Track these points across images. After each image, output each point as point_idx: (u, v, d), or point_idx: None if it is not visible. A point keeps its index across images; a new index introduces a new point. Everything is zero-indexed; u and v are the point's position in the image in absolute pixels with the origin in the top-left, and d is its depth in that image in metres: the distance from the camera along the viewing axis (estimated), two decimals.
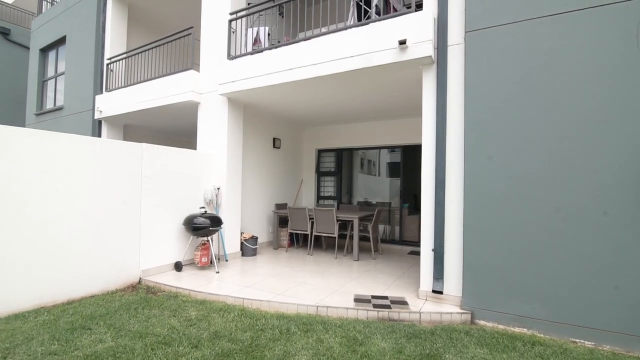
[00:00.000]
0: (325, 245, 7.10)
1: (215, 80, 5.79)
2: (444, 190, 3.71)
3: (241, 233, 6.15)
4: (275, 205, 7.38)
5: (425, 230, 3.85)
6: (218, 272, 4.92)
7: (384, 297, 3.86)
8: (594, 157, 3.03)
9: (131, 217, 4.50)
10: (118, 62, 7.45)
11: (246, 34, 5.57)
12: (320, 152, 8.61)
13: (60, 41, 9.07)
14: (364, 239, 6.38)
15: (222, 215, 5.56)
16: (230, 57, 5.50)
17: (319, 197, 8.54)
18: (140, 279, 4.59)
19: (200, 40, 6.24)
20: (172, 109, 6.52)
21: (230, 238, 5.82)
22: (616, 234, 2.93)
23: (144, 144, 4.70)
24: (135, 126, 8.35)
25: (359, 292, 4.05)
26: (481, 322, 3.43)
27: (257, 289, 4.17)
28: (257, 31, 5.56)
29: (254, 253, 6.13)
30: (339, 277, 4.74)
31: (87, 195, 4.03)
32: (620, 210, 2.92)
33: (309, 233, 6.40)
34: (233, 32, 5.60)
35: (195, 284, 4.37)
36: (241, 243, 6.07)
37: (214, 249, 5.33)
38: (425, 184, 3.87)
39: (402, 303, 3.69)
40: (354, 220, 5.94)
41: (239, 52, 5.57)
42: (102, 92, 7.69)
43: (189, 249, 5.26)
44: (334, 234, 6.05)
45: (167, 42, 6.35)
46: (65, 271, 3.81)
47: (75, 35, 8.45)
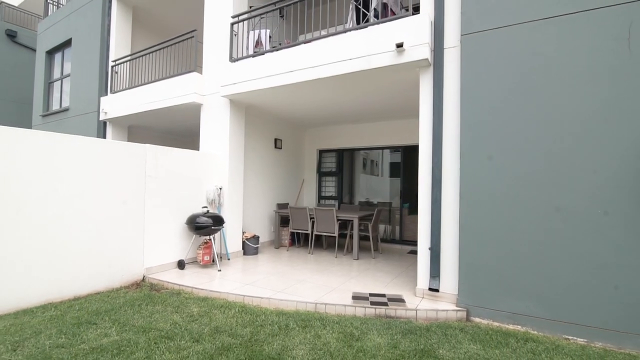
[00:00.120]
0: (326, 244, 7.19)
1: (217, 82, 5.90)
2: (440, 190, 3.78)
3: (243, 232, 6.25)
4: (276, 205, 7.47)
5: (422, 229, 3.92)
6: (220, 270, 5.03)
7: (382, 295, 3.94)
8: (583, 159, 3.10)
9: (135, 217, 4.61)
10: (123, 64, 7.59)
11: (248, 37, 5.67)
12: (321, 153, 8.69)
13: (66, 43, 9.23)
14: (364, 238, 6.47)
15: (224, 214, 5.66)
16: (232, 60, 5.60)
17: (320, 197, 8.63)
18: (144, 276, 4.70)
19: (203, 43, 6.36)
20: (176, 111, 6.64)
21: (232, 237, 5.92)
22: (610, 233, 2.98)
23: (147, 145, 4.82)
24: (139, 127, 8.49)
25: (358, 290, 4.13)
26: (476, 320, 3.50)
27: (258, 286, 4.26)
28: (259, 34, 5.66)
29: (255, 252, 6.23)
30: (339, 276, 4.83)
31: (93, 195, 4.15)
32: (615, 210, 2.97)
33: (309, 232, 6.49)
34: (235, 35, 5.70)
35: (197, 281, 4.47)
36: (243, 242, 6.17)
37: (216, 248, 5.43)
38: (422, 183, 3.94)
39: (399, 300, 3.76)
40: (353, 220, 6.03)
41: (240, 55, 5.67)
42: (107, 94, 7.83)
43: (191, 247, 5.37)
44: (334, 234, 6.13)
45: (171, 45, 6.47)
46: (71, 269, 3.92)
47: (80, 38, 8.60)
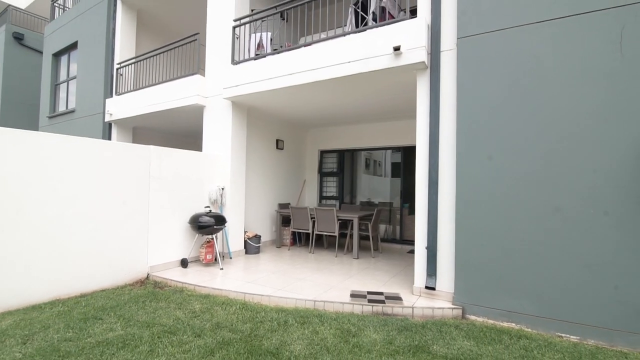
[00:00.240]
0: (327, 243, 7.28)
1: (219, 84, 6.01)
2: (436, 190, 3.86)
3: (245, 232, 6.36)
4: (278, 204, 7.58)
5: (419, 229, 4.00)
6: (222, 269, 5.14)
7: (379, 293, 4.02)
8: (578, 160, 3.16)
9: (139, 216, 4.73)
10: (127, 67, 7.74)
11: (249, 40, 5.78)
12: (322, 153, 8.78)
13: (72, 46, 9.40)
14: (364, 238, 6.55)
15: (226, 214, 5.77)
16: (234, 62, 5.71)
17: (321, 197, 8.72)
18: (148, 274, 4.82)
19: (205, 46, 6.47)
20: (179, 112, 6.76)
21: (234, 236, 6.03)
22: (604, 233, 3.04)
23: (151, 146, 4.94)
24: (143, 128, 8.63)
25: (356, 288, 4.21)
26: (472, 317, 3.57)
27: (259, 284, 4.36)
28: (260, 36, 5.76)
29: (257, 251, 6.33)
30: (338, 274, 4.91)
31: (98, 196, 4.28)
32: (610, 210, 3.03)
33: (310, 232, 6.59)
34: (237, 38, 5.81)
35: (200, 279, 4.58)
36: (245, 241, 6.28)
37: (218, 247, 5.54)
38: (419, 184, 4.02)
39: (397, 298, 3.84)
40: (353, 220, 6.11)
41: (242, 57, 5.77)
42: (112, 96, 7.98)
43: (194, 246, 5.48)
44: (335, 233, 6.22)
45: (174, 48, 6.60)
46: (77, 266, 4.05)
47: (86, 41, 8.76)
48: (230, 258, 5.86)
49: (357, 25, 4.78)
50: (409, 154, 7.49)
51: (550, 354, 2.79)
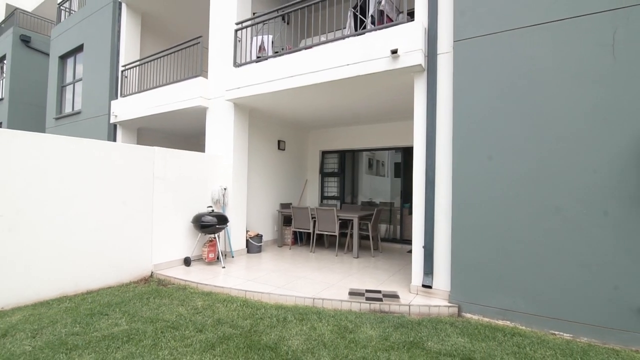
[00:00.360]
0: (328, 243, 7.37)
1: (222, 86, 6.12)
2: (433, 190, 3.93)
3: (247, 231, 6.46)
4: (280, 204, 7.67)
5: (416, 228, 4.08)
6: (224, 267, 5.24)
7: (377, 291, 4.10)
8: (572, 162, 3.22)
9: (144, 216, 4.85)
10: (132, 69, 7.88)
11: (251, 43, 5.88)
12: (324, 154, 8.87)
13: (78, 49, 9.57)
14: (365, 237, 6.62)
15: (229, 214, 5.88)
16: (236, 65, 5.82)
17: (322, 197, 8.81)
18: (152, 272, 4.94)
19: (208, 49, 6.59)
20: (182, 114, 6.88)
21: (236, 236, 6.13)
22: (598, 232, 3.09)
23: (155, 148, 5.05)
24: (148, 129, 8.77)
25: (355, 287, 4.30)
26: (467, 315, 3.64)
27: (260, 282, 4.46)
28: (262, 39, 5.86)
29: (259, 250, 6.44)
30: (338, 273, 5.00)
31: (104, 196, 4.40)
32: (603, 210, 3.09)
33: (311, 232, 6.68)
34: (239, 41, 5.92)
35: (202, 277, 4.69)
36: (247, 240, 6.38)
37: (220, 246, 5.65)
38: (416, 184, 4.10)
39: (394, 296, 3.92)
40: (353, 220, 6.19)
41: (244, 60, 5.88)
42: (117, 98, 8.13)
43: (197, 245, 5.59)
44: (335, 233, 6.30)
45: (178, 50, 6.72)
46: (84, 265, 4.17)
47: (92, 43, 8.93)
48: (232, 257, 5.97)
49: (356, 29, 4.86)
50: (409, 154, 7.54)
51: (542, 351, 2.85)
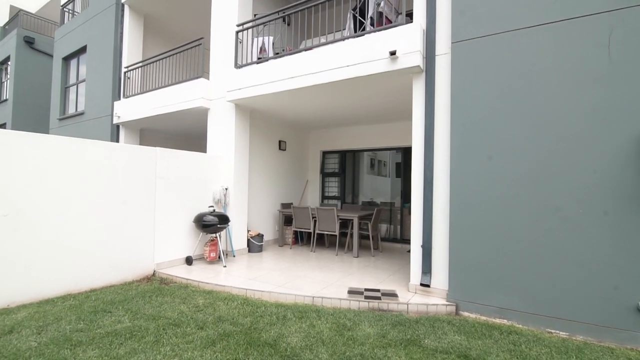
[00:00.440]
0: (328, 243, 7.42)
1: (223, 87, 6.18)
2: (431, 190, 3.98)
3: (248, 231, 6.53)
4: (280, 204, 7.73)
5: (414, 228, 4.12)
6: (225, 266, 5.30)
7: (376, 290, 4.14)
8: (568, 163, 3.26)
9: (146, 215, 4.92)
10: (135, 70, 7.96)
11: (252, 44, 5.94)
12: (324, 154, 8.92)
13: (82, 50, 9.67)
14: (365, 237, 6.67)
15: (230, 214, 5.94)
16: (237, 66, 5.88)
17: (323, 197, 8.86)
18: (154, 271, 5.01)
19: (210, 50, 6.65)
20: (184, 114, 6.95)
21: (237, 235, 6.20)
22: (594, 232, 3.13)
23: (158, 148, 5.12)
24: (150, 130, 8.86)
25: (354, 286, 4.35)
26: (465, 314, 3.68)
27: (260, 281, 4.52)
28: (263, 41, 5.92)
29: (259, 249, 6.50)
30: (338, 272, 5.05)
31: (107, 196, 4.47)
32: (597, 210, 3.12)
33: (312, 231, 6.73)
34: (240, 43, 5.98)
35: (204, 276, 4.75)
36: (248, 240, 6.44)
37: (222, 245, 5.72)
38: (415, 184, 4.14)
39: (392, 295, 3.97)
40: (353, 219, 6.24)
41: (245, 61, 5.94)
42: (120, 99, 8.21)
43: (198, 244, 5.66)
44: (335, 232, 6.35)
45: (180, 52, 6.80)
46: (87, 263, 4.24)
47: (95, 45, 9.02)
48: (234, 256, 6.03)
49: (356, 30, 4.91)
50: (409, 154, 7.57)
51: (538, 349, 2.89)
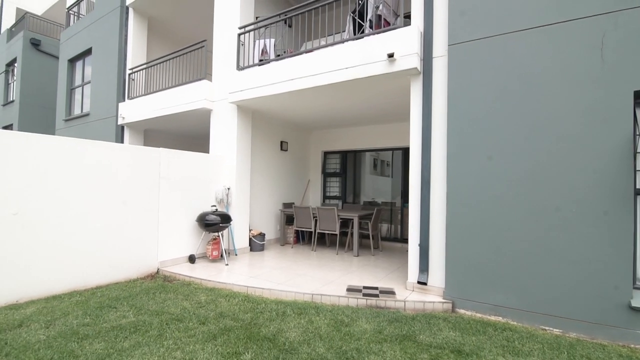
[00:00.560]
0: (329, 242, 7.51)
1: (225, 89, 6.29)
2: (429, 190, 4.05)
3: (250, 230, 6.63)
4: (282, 204, 7.83)
5: (412, 227, 4.20)
6: (227, 265, 5.41)
7: (374, 288, 4.22)
8: (563, 162, 3.32)
9: (150, 214, 5.04)
10: (139, 72, 8.09)
11: (254, 46, 6.04)
12: (326, 154, 9.01)
13: (87, 52, 9.83)
14: (366, 236, 6.75)
15: (232, 213, 6.04)
16: (239, 68, 5.98)
17: (325, 197, 8.94)
18: (158, 269, 5.12)
19: (212, 52, 6.76)
20: (187, 116, 7.07)
21: (239, 234, 6.30)
22: (588, 231, 3.19)
23: (161, 149, 5.24)
24: (154, 131, 8.99)
25: (353, 284, 4.43)
26: (461, 311, 3.75)
27: (262, 279, 4.61)
28: (264, 43, 6.01)
29: (261, 248, 6.60)
30: (337, 271, 5.13)
31: (111, 196, 4.59)
32: (589, 210, 3.18)
33: (312, 230, 6.82)
34: (242, 45, 6.08)
35: (206, 274, 4.86)
36: (250, 239, 6.54)
37: (224, 244, 5.82)
38: (412, 184, 4.22)
39: (390, 293, 4.05)
40: (354, 219, 6.32)
41: (247, 64, 6.04)
42: (125, 100, 8.35)
43: (201, 243, 5.77)
44: (336, 232, 6.44)
45: (183, 54, 6.91)
46: (93, 261, 4.36)
47: (100, 47, 9.17)
48: (236, 255, 6.13)
49: (355, 33, 4.99)
50: (409, 155, 7.65)
51: (530, 344, 2.96)
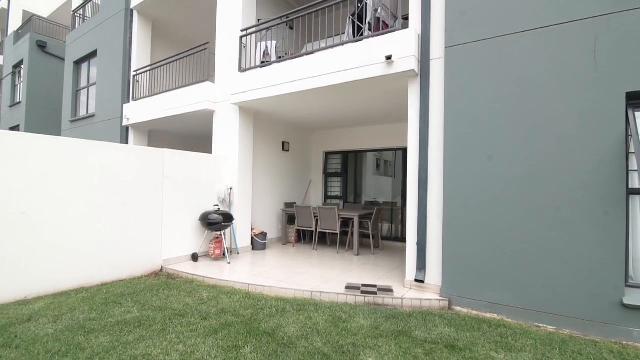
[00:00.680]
0: (330, 241, 7.60)
1: (228, 90, 6.40)
2: (426, 190, 4.12)
3: (252, 229, 6.73)
4: (284, 204, 7.93)
5: (410, 226, 4.27)
6: (229, 263, 5.51)
7: (373, 286, 4.31)
8: (559, 165, 3.38)
9: (154, 214, 5.15)
10: (143, 74, 8.23)
11: (256, 48, 6.14)
12: (327, 154, 9.09)
13: (92, 54, 9.99)
14: (366, 236, 6.83)
15: (234, 212, 6.15)
16: (241, 70, 6.09)
17: (326, 197, 9.03)
18: (161, 267, 5.24)
19: (215, 54, 6.88)
20: (190, 117, 7.19)
21: (241, 233, 6.40)
22: (581, 229, 3.24)
23: (165, 150, 5.35)
24: (158, 131, 9.13)
25: (352, 281, 4.51)
26: (457, 309, 3.82)
27: (263, 277, 4.71)
28: (266, 45, 6.12)
29: (263, 247, 6.70)
30: (337, 269, 5.22)
31: (116, 196, 4.71)
32: (581, 209, 3.25)
33: (314, 230, 6.91)
34: (244, 47, 6.19)
35: (208, 272, 4.96)
36: (252, 238, 6.65)
37: (226, 243, 5.93)
38: (410, 184, 4.29)
39: (388, 290, 4.13)
40: (354, 218, 6.40)
41: (249, 65, 6.15)
42: (129, 101, 8.49)
43: (204, 242, 5.88)
44: (337, 231, 6.52)
45: (186, 56, 7.04)
46: (99, 259, 4.49)
47: (105, 49, 9.33)
48: (238, 253, 6.24)
49: (354, 36, 5.07)
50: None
51: (524, 340, 3.03)
